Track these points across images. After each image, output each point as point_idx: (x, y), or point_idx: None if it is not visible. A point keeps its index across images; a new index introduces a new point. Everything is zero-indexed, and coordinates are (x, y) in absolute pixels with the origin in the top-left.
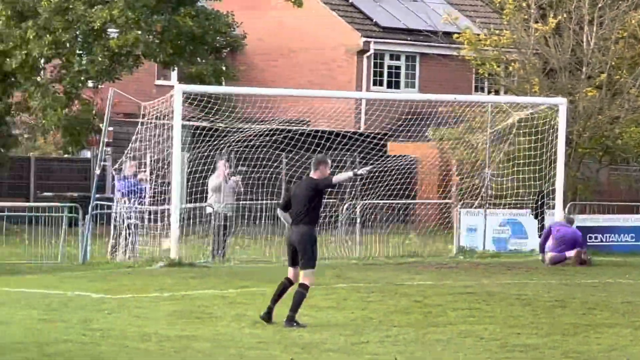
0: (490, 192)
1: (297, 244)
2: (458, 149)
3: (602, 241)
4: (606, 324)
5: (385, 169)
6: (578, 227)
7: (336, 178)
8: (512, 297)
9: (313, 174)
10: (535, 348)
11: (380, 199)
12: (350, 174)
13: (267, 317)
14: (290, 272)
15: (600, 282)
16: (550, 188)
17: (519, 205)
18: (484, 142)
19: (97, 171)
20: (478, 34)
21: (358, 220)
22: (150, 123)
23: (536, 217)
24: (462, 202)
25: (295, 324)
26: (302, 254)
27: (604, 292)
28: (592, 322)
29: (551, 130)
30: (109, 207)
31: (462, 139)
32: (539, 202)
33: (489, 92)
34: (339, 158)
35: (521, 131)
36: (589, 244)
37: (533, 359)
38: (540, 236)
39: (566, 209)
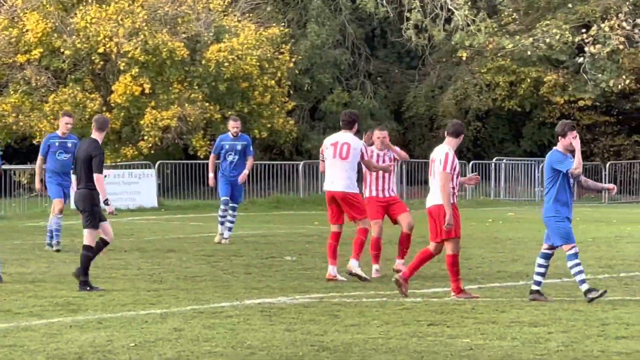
0: None
1: (79, 205)
2: None
3: None
4: None
5: None
6: None
7: (97, 178)
8: None
9: (97, 135)
10: None
11: None
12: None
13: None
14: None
15: None
16: None
17: None
18: None
19: None
20: None
21: None
22: None
23: None
24: None
25: (88, 288)
26: (84, 214)
27: None
28: None
29: None
30: None
31: None
32: None
33: None
34: None
35: None
36: None
37: None
38: None
39: None
